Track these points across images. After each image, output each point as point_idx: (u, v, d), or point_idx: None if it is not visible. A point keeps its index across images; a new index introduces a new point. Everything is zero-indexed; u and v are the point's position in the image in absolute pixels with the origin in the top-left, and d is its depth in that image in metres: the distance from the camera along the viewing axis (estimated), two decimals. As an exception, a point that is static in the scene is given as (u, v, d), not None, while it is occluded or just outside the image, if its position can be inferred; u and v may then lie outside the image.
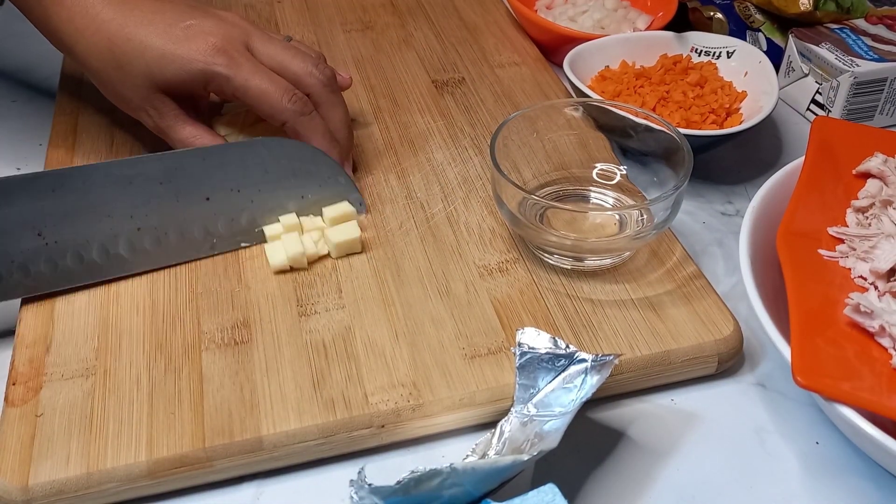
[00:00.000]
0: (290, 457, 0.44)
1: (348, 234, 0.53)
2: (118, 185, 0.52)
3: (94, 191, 0.51)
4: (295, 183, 0.55)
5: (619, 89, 0.66)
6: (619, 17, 0.78)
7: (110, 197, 0.51)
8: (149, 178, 0.52)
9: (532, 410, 0.43)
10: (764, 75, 0.66)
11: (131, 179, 0.52)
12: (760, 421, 0.47)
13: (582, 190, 0.58)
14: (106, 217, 0.51)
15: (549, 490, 0.37)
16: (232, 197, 0.54)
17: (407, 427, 0.45)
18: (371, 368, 0.47)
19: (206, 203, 0.53)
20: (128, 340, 0.48)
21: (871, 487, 0.44)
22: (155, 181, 0.52)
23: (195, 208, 0.53)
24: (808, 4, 0.71)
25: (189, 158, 0.53)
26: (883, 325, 0.42)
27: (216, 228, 0.53)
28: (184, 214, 0.53)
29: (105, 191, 0.51)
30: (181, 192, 0.53)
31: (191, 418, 0.44)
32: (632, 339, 0.48)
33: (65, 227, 0.50)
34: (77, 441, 0.43)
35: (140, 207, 0.52)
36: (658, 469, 0.45)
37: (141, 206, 0.52)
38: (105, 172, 0.52)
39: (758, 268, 0.46)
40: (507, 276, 0.52)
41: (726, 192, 0.64)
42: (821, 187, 0.51)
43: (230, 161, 0.53)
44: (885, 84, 0.67)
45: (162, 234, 0.52)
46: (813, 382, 0.40)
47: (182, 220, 0.53)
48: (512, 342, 0.47)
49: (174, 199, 0.53)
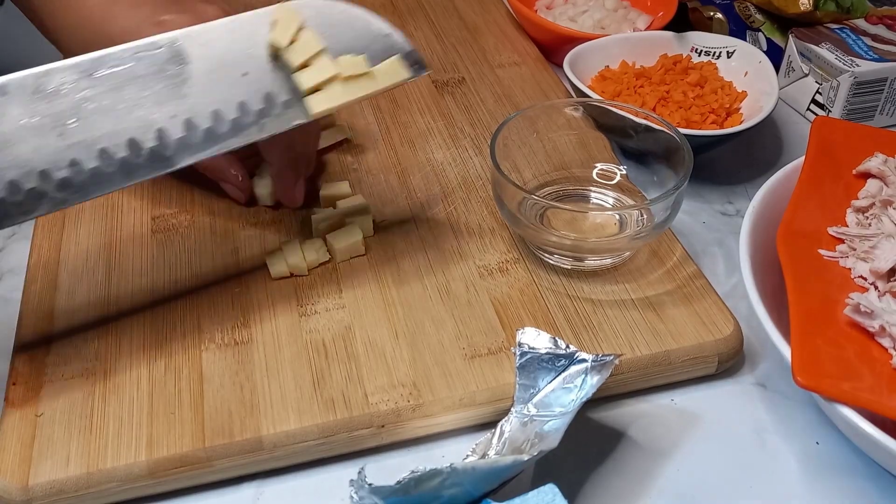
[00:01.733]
0: (290, 457, 0.44)
1: (350, 238, 0.53)
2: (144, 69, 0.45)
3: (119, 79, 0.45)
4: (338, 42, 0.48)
5: (619, 89, 0.66)
6: (619, 17, 0.78)
7: (137, 84, 0.45)
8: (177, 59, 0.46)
9: (532, 410, 0.43)
10: (764, 75, 0.66)
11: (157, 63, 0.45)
12: (760, 421, 0.47)
13: (582, 190, 0.58)
14: (134, 107, 0.45)
15: (549, 490, 0.37)
16: (273, 69, 0.47)
17: (407, 427, 0.45)
18: (371, 368, 0.47)
19: (243, 79, 0.47)
20: (128, 341, 0.48)
21: (871, 487, 0.44)
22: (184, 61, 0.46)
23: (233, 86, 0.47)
24: (808, 4, 0.71)
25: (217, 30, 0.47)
26: (883, 325, 0.42)
27: (260, 105, 0.47)
28: (220, 95, 0.46)
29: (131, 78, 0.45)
30: (215, 70, 0.46)
31: (191, 418, 0.44)
32: (632, 339, 0.48)
33: (89, 123, 0.44)
34: (77, 441, 0.43)
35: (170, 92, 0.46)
36: (658, 469, 0.45)
37: (170, 90, 0.46)
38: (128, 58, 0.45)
39: (758, 268, 0.46)
40: (507, 276, 0.52)
41: (726, 192, 0.64)
42: (821, 187, 0.51)
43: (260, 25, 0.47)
44: (886, 84, 0.67)
45: (200, 120, 0.46)
46: (813, 382, 0.40)
47: (220, 101, 0.46)
48: (512, 342, 0.47)
49: (208, 79, 0.46)
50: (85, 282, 0.52)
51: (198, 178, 0.57)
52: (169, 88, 0.45)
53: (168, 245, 0.55)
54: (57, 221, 0.57)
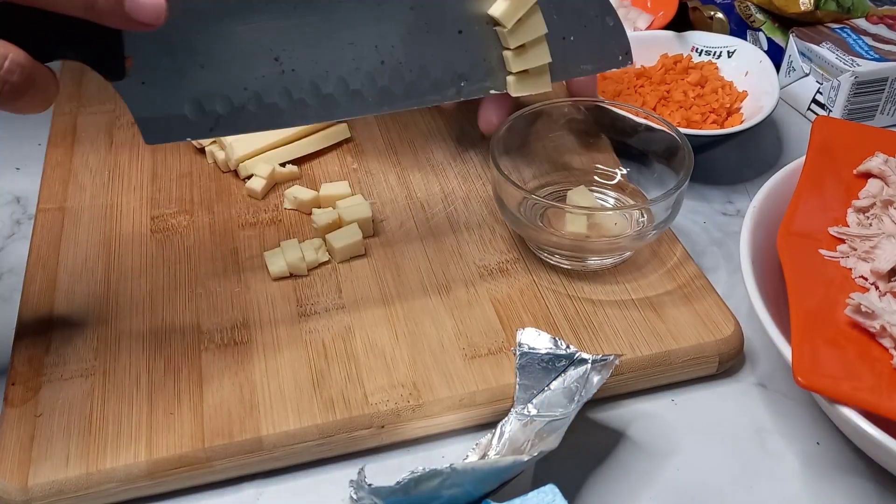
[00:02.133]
0: (290, 457, 0.44)
1: (350, 237, 0.53)
2: (365, 8, 0.45)
3: (339, 12, 0.44)
4: (558, 20, 0.48)
5: (619, 89, 0.66)
6: (620, 16, 0.78)
7: (356, 21, 0.45)
8: (398, 2, 0.45)
9: (532, 411, 0.43)
10: (764, 75, 0.66)
11: (380, 1, 0.45)
12: (761, 421, 0.47)
13: None
14: (348, 45, 0.45)
15: (549, 490, 0.37)
16: (486, 32, 0.47)
17: (407, 427, 0.45)
18: (371, 368, 0.47)
19: (458, 37, 0.46)
20: (127, 341, 0.48)
21: (871, 487, 0.44)
22: (405, 6, 0.45)
23: (445, 42, 0.46)
24: (808, 4, 0.71)
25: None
26: (884, 325, 0.42)
27: (464, 68, 0.47)
28: (432, 49, 0.46)
29: (351, 14, 0.45)
30: (432, 22, 0.46)
31: (190, 418, 0.44)
32: (632, 339, 0.48)
33: (304, 52, 0.44)
34: (76, 441, 0.43)
35: (386, 37, 0.45)
36: (658, 469, 0.44)
37: (387, 34, 0.45)
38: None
39: (758, 268, 0.46)
40: (507, 276, 0.52)
41: (727, 192, 0.64)
42: (821, 187, 0.51)
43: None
44: (886, 84, 0.67)
45: (407, 71, 0.46)
46: (813, 382, 0.40)
47: (429, 56, 0.46)
48: (512, 342, 0.46)
49: (424, 30, 0.46)
50: (84, 282, 0.52)
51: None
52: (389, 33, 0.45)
53: (167, 245, 0.55)
54: (56, 221, 0.57)
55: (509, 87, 0.48)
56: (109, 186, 0.60)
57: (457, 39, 0.46)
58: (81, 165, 0.61)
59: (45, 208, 0.58)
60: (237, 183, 0.60)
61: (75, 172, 0.61)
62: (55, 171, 0.61)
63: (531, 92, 0.48)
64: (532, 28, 0.46)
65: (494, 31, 0.47)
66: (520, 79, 0.48)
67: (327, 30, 0.44)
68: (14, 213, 0.62)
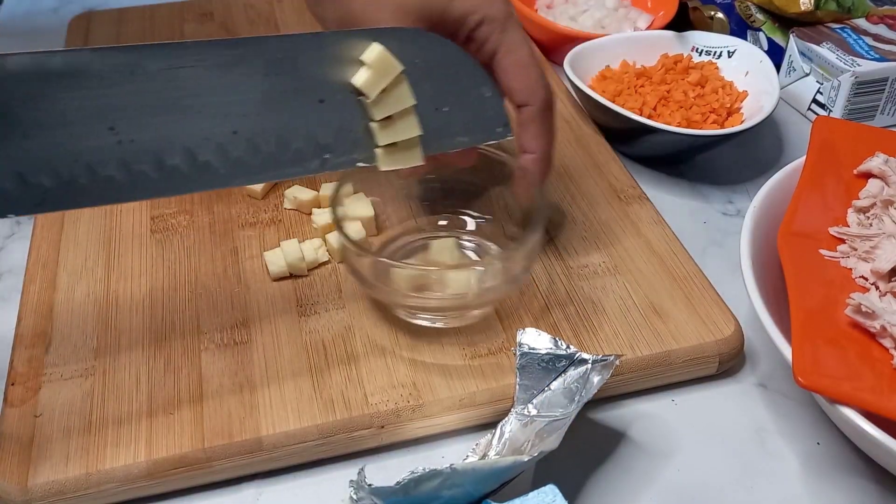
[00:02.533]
0: (290, 457, 0.44)
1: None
2: (212, 75, 0.40)
3: (183, 78, 0.40)
4: (430, 89, 0.44)
5: (619, 89, 0.66)
6: (620, 16, 0.78)
7: (201, 88, 0.40)
8: (251, 68, 0.41)
9: (532, 411, 0.43)
10: (765, 75, 0.66)
11: (231, 67, 0.41)
12: (761, 421, 0.47)
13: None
14: (195, 113, 0.40)
15: (549, 491, 0.37)
16: (350, 101, 0.43)
17: (407, 427, 0.45)
18: (371, 369, 0.46)
19: (319, 106, 0.43)
20: (127, 341, 0.48)
21: (872, 488, 0.44)
22: (258, 72, 0.41)
23: (305, 112, 0.42)
24: (808, 4, 0.71)
25: (303, 45, 0.42)
26: (884, 325, 0.42)
27: (328, 140, 0.43)
28: (291, 118, 0.42)
29: (195, 80, 0.40)
30: (289, 90, 0.42)
31: (190, 419, 0.44)
32: (632, 339, 0.48)
33: (144, 121, 0.40)
34: (76, 441, 0.43)
35: (237, 105, 0.41)
36: (658, 470, 0.44)
37: (239, 103, 0.41)
38: (197, 55, 0.40)
39: (759, 268, 0.46)
40: (507, 276, 0.52)
41: (727, 192, 0.64)
42: (822, 187, 0.51)
43: (352, 53, 0.42)
44: (886, 84, 0.67)
45: (263, 142, 0.42)
46: (814, 383, 0.40)
47: (287, 126, 0.42)
48: (512, 343, 0.46)
49: (280, 99, 0.42)
50: (84, 282, 0.52)
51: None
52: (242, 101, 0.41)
53: (167, 245, 0.55)
54: (56, 221, 0.57)
55: (378, 161, 0.44)
56: (109, 186, 0.60)
57: (318, 109, 0.42)
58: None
59: (44, 208, 0.58)
60: (237, 183, 0.60)
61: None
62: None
63: (401, 166, 0.45)
64: (398, 99, 0.43)
65: (359, 100, 0.43)
66: (388, 152, 0.44)
67: (169, 97, 0.40)
68: (14, 213, 0.62)
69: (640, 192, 0.59)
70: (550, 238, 0.55)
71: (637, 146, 0.65)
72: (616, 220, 0.56)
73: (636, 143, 0.65)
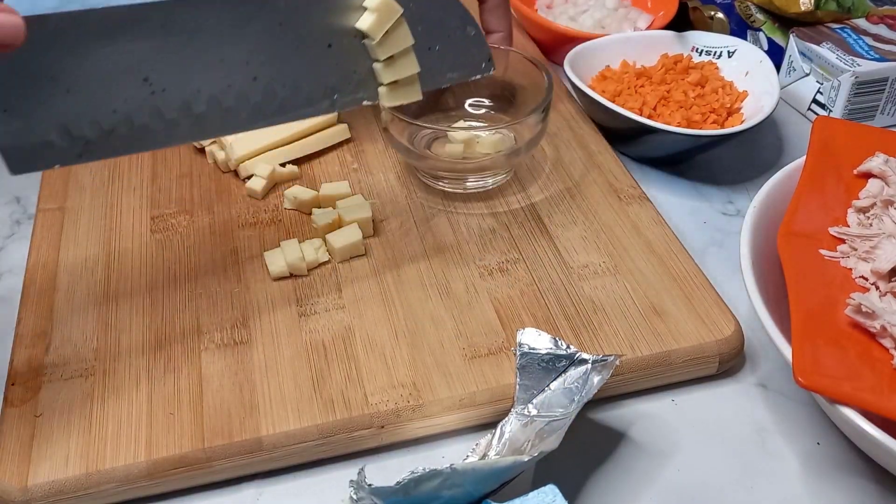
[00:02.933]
0: (290, 457, 0.44)
1: (350, 238, 0.53)
2: (233, 26, 0.44)
3: (206, 31, 0.43)
4: (423, 31, 0.49)
5: (619, 89, 0.66)
6: (620, 16, 0.78)
7: (224, 39, 0.44)
8: (269, 18, 0.45)
9: (532, 411, 0.43)
10: (765, 75, 0.66)
11: (249, 18, 0.44)
12: (761, 421, 0.47)
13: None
14: (219, 63, 0.44)
15: (549, 491, 0.37)
16: (355, 45, 0.47)
17: (407, 427, 0.45)
18: (371, 369, 0.46)
19: (327, 51, 0.47)
20: (127, 341, 0.48)
21: (872, 488, 0.44)
22: (274, 22, 0.45)
23: (315, 57, 0.46)
24: (809, 4, 0.71)
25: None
26: (884, 325, 0.42)
27: (336, 81, 0.47)
28: (303, 64, 0.46)
29: (218, 32, 0.44)
30: (302, 37, 0.46)
31: (190, 419, 0.44)
32: (632, 339, 0.48)
33: (174, 72, 0.43)
34: (76, 441, 0.43)
35: (256, 54, 0.45)
36: (659, 469, 0.44)
37: (257, 51, 0.45)
38: (220, 7, 0.44)
39: (759, 268, 0.46)
40: (507, 276, 0.52)
41: (727, 192, 0.64)
42: (822, 187, 0.50)
43: (354, 2, 0.47)
44: (886, 84, 0.67)
45: (279, 87, 0.46)
46: (814, 383, 0.40)
47: (301, 71, 0.46)
48: (512, 342, 0.46)
49: (294, 46, 0.46)
50: (84, 282, 0.52)
51: None
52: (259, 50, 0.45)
53: (167, 245, 0.55)
54: (56, 221, 0.57)
55: (381, 98, 0.49)
56: (109, 186, 0.60)
57: (327, 53, 0.47)
58: (81, 165, 0.61)
59: (44, 208, 0.58)
60: (237, 183, 0.60)
61: (75, 172, 0.61)
62: (55, 170, 0.61)
63: (403, 101, 0.49)
64: (399, 40, 0.47)
65: (363, 44, 0.47)
66: (391, 89, 0.49)
67: (195, 48, 0.43)
68: (14, 213, 0.62)
69: (640, 192, 0.59)
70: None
71: (637, 146, 0.65)
72: (616, 220, 0.56)
73: (636, 143, 0.65)
